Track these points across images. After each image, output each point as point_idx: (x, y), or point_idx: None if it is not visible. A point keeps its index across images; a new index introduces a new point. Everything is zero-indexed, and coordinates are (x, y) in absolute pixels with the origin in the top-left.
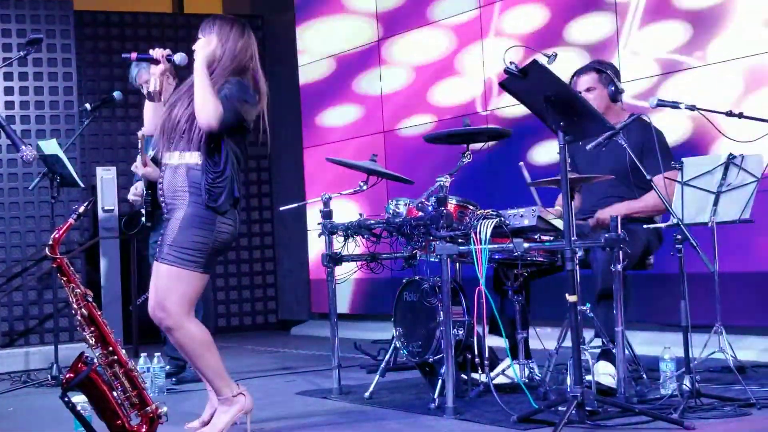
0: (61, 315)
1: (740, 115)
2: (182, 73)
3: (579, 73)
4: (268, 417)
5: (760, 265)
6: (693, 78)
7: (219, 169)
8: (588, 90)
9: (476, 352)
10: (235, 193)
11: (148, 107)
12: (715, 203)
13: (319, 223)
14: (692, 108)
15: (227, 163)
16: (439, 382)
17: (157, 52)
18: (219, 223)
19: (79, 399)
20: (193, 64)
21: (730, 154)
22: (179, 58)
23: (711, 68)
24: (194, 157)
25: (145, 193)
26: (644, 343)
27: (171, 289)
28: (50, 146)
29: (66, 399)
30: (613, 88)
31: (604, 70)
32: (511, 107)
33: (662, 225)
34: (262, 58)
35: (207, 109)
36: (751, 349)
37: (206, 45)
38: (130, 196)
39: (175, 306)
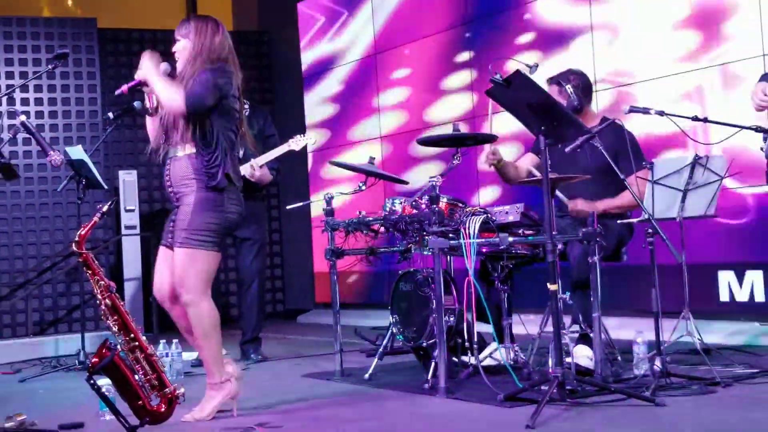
0: (87, 305)
1: (705, 120)
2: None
3: (548, 82)
4: (276, 397)
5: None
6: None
7: (211, 150)
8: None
9: (466, 337)
10: (227, 169)
11: (149, 121)
12: (683, 200)
13: (322, 221)
14: (661, 113)
15: (218, 145)
16: (432, 364)
17: (140, 74)
18: (227, 203)
19: (104, 382)
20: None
21: (696, 155)
22: (162, 67)
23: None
24: (191, 147)
25: None
26: (619, 327)
27: (189, 269)
28: (76, 152)
29: (92, 382)
30: (572, 100)
31: (563, 84)
32: None
33: (634, 220)
34: (270, 69)
35: (169, 97)
36: (716, 333)
37: (152, 56)
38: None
39: (193, 284)
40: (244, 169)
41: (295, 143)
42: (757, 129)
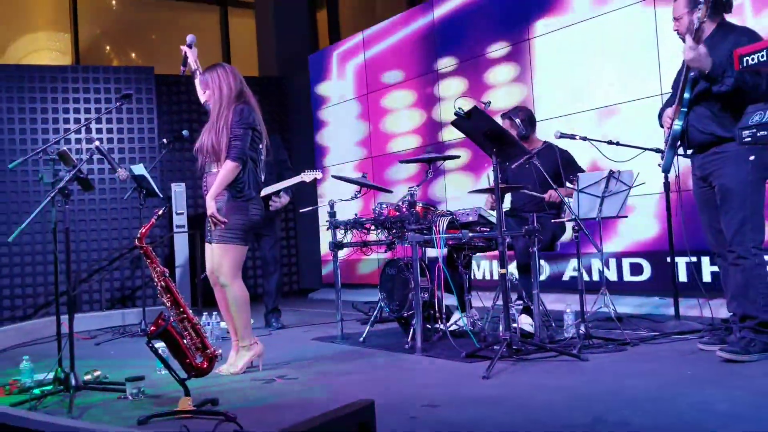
0: (147, 287)
1: (617, 143)
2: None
3: (501, 116)
4: (292, 356)
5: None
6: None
7: (239, 172)
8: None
9: (436, 309)
10: (251, 183)
11: (197, 82)
12: (601, 204)
13: (327, 220)
14: (584, 138)
15: (245, 166)
16: (411, 330)
17: (183, 50)
18: (251, 207)
19: (160, 345)
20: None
21: (611, 170)
22: (189, 39)
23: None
24: (220, 166)
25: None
26: (553, 301)
27: (224, 259)
28: (138, 169)
29: (150, 345)
30: (520, 130)
31: (513, 118)
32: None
33: (564, 220)
34: (286, 106)
35: (229, 174)
36: (626, 305)
37: (210, 200)
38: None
39: (226, 271)
40: (273, 202)
41: (306, 176)
42: (656, 150)
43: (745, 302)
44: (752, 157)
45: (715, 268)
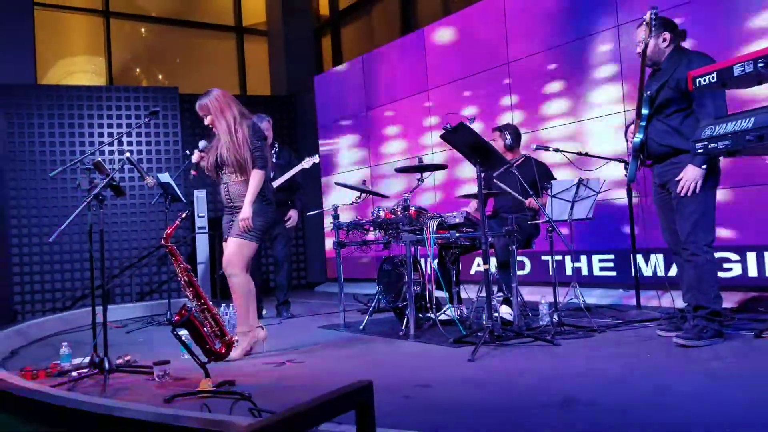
0: (172, 281)
1: (586, 154)
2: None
3: (493, 129)
4: (300, 342)
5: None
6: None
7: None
8: (493, 140)
9: (428, 300)
10: (266, 189)
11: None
12: (571, 208)
13: (331, 222)
14: (557, 150)
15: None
16: (405, 319)
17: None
18: (270, 210)
19: (183, 333)
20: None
21: (580, 178)
22: (201, 145)
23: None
24: (244, 176)
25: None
26: (530, 293)
27: (237, 253)
28: (164, 177)
29: (175, 332)
30: (507, 142)
31: (503, 131)
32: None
33: (539, 221)
34: (295, 121)
35: (258, 184)
36: (594, 296)
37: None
38: None
39: (236, 263)
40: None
41: (306, 163)
42: (620, 161)
43: (698, 294)
44: (704, 167)
45: (668, 263)
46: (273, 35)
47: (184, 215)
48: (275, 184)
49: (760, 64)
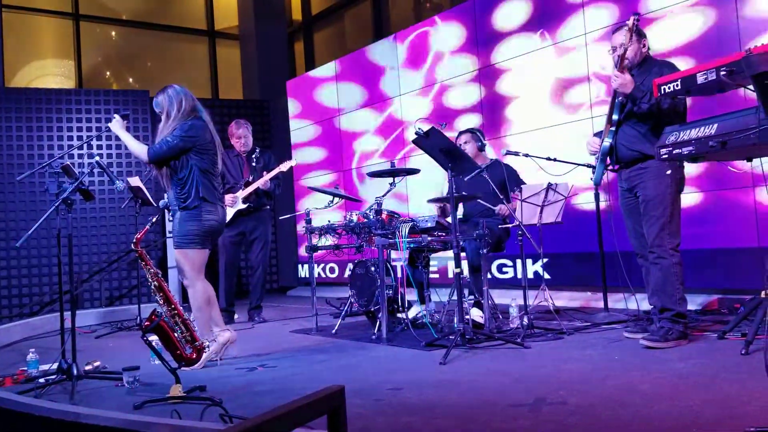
0: (141, 286)
1: (555, 159)
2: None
3: (460, 133)
4: (272, 347)
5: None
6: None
7: (182, 183)
8: (465, 143)
9: (400, 304)
10: (200, 193)
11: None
12: (541, 212)
13: (303, 226)
14: (526, 155)
15: (189, 177)
16: (378, 322)
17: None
18: (204, 215)
19: (153, 338)
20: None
21: (549, 183)
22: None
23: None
24: (173, 182)
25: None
26: (500, 296)
27: (184, 261)
28: (134, 181)
29: (145, 338)
30: (479, 144)
31: (474, 132)
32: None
33: (510, 225)
34: (269, 125)
35: (137, 154)
36: (563, 299)
37: (116, 124)
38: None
39: (187, 273)
40: (262, 183)
41: (284, 166)
42: (588, 165)
43: (663, 296)
44: (669, 171)
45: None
46: (245, 39)
47: (154, 219)
48: (255, 185)
49: (723, 72)
